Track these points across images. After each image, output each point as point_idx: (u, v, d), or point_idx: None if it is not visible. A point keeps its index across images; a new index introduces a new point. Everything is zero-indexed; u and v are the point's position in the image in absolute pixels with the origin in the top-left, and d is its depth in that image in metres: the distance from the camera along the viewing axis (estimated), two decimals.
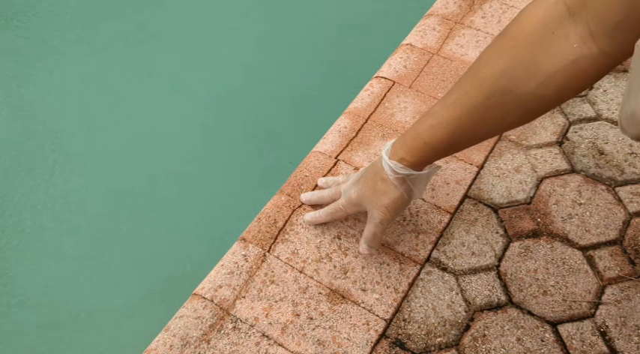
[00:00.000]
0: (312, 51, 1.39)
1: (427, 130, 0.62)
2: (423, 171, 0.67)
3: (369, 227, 0.72)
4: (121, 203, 1.11)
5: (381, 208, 0.69)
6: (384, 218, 0.70)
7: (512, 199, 0.85)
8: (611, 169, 0.88)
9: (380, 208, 0.69)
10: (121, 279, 1.01)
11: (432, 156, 0.65)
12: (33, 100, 1.30)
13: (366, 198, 0.70)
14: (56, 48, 1.41)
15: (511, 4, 1.16)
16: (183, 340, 0.69)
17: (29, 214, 1.10)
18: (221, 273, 0.76)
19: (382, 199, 0.68)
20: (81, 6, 1.51)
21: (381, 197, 0.68)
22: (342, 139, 0.92)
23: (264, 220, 0.81)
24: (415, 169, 0.66)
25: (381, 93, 0.99)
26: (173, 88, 1.32)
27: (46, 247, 1.05)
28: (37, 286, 1.01)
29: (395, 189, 0.67)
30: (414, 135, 0.64)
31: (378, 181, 0.68)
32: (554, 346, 0.70)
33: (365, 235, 0.73)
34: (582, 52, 0.50)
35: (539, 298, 0.74)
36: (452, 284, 0.75)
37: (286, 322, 0.71)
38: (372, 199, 0.69)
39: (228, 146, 1.20)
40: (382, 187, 0.68)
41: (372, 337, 0.70)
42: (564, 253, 0.78)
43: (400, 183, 0.67)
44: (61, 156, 1.19)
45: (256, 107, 1.27)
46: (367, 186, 0.70)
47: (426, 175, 0.68)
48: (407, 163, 0.65)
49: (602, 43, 0.49)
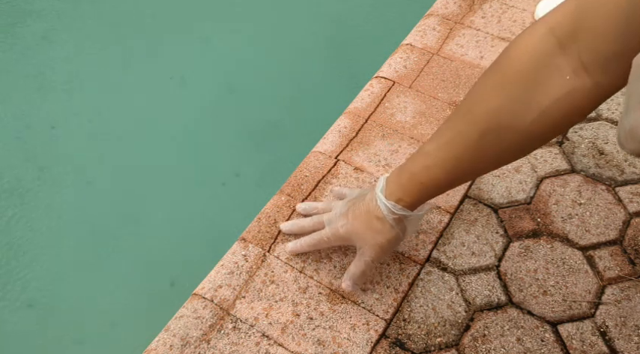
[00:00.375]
0: (312, 51, 1.39)
1: (423, 171, 0.61)
2: (419, 211, 0.67)
3: (357, 265, 0.69)
4: (121, 203, 1.11)
5: (374, 246, 0.67)
6: (376, 257, 0.68)
7: (512, 199, 0.85)
8: (611, 169, 0.88)
9: (374, 247, 0.67)
10: (121, 279, 1.01)
11: (429, 195, 0.64)
12: (33, 101, 1.30)
13: (357, 235, 0.68)
14: (55, 47, 1.41)
15: (511, 4, 1.17)
16: (183, 340, 0.69)
17: (28, 214, 1.10)
18: (221, 273, 0.76)
19: (377, 237, 0.66)
20: (81, 5, 1.51)
21: (376, 236, 0.66)
22: (342, 139, 0.92)
23: (264, 220, 0.81)
24: (411, 209, 0.65)
25: (381, 93, 0.99)
26: (173, 88, 1.32)
27: (46, 246, 1.05)
28: (37, 286, 1.00)
29: (392, 228, 0.66)
30: (410, 176, 0.63)
31: (372, 219, 0.66)
32: (554, 346, 0.70)
33: (352, 272, 0.70)
34: (575, 84, 0.49)
35: (539, 298, 0.74)
36: (452, 284, 0.75)
37: (286, 322, 0.71)
38: (365, 237, 0.67)
39: (228, 146, 1.20)
40: (378, 226, 0.66)
41: (372, 337, 0.70)
42: (564, 253, 0.78)
43: (397, 223, 0.66)
44: (61, 156, 1.19)
45: (256, 107, 1.27)
46: (359, 222, 0.67)
47: (422, 214, 0.67)
48: (404, 204, 0.64)
49: (595, 75, 0.48)
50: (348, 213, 0.69)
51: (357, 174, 0.87)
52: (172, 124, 1.24)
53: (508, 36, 1.09)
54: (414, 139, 0.92)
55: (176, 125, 1.24)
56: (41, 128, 1.24)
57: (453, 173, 0.61)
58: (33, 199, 1.12)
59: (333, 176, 0.86)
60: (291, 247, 0.77)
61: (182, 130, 1.23)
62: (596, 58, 0.47)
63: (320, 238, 0.72)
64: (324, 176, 0.87)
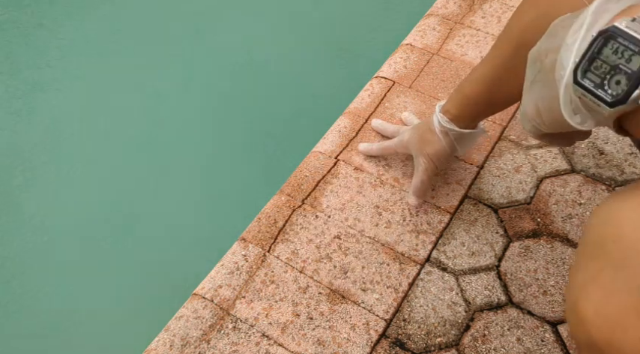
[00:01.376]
0: (312, 51, 1.39)
1: (468, 84, 0.69)
2: (466, 130, 0.73)
3: (416, 175, 0.79)
4: (121, 203, 1.11)
5: (425, 156, 0.76)
6: (428, 166, 0.77)
7: (512, 199, 0.85)
8: (611, 169, 0.88)
9: (425, 156, 0.76)
10: (121, 279, 1.01)
11: (472, 110, 0.71)
12: (32, 100, 1.29)
13: (413, 144, 0.78)
14: (57, 46, 1.41)
15: (511, 4, 1.16)
16: (183, 340, 0.69)
17: (28, 216, 1.10)
18: (221, 273, 0.76)
19: (427, 147, 0.75)
20: (80, 4, 1.51)
21: (426, 146, 0.75)
22: (342, 139, 0.92)
23: (264, 220, 0.81)
24: (460, 125, 0.72)
25: (381, 93, 0.99)
26: (173, 88, 1.32)
27: (45, 247, 1.05)
28: (36, 287, 1.00)
29: (439, 141, 0.74)
30: (458, 89, 0.71)
31: (426, 130, 0.75)
32: (554, 346, 0.70)
33: (413, 183, 0.80)
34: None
35: (539, 298, 0.74)
36: (452, 284, 0.75)
37: (286, 322, 0.71)
38: (419, 146, 0.76)
39: (228, 146, 1.20)
40: (429, 137, 0.75)
41: (372, 337, 0.70)
42: (564, 253, 0.78)
43: (444, 136, 0.73)
44: (61, 156, 1.19)
45: (256, 107, 1.27)
46: (418, 133, 0.77)
47: (468, 134, 0.74)
48: (451, 116, 0.72)
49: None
50: (415, 126, 0.80)
51: (357, 174, 0.87)
52: (172, 123, 1.24)
53: None
54: None
55: (176, 125, 1.24)
56: (41, 128, 1.24)
57: (491, 88, 0.67)
58: (31, 199, 1.12)
59: (333, 176, 0.86)
60: (363, 148, 0.88)
61: (182, 129, 1.23)
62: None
63: (388, 144, 0.84)
64: (324, 176, 0.87)
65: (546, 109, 0.41)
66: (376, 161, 0.88)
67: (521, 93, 0.68)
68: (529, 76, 0.44)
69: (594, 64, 0.35)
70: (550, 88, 0.40)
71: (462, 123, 0.72)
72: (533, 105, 0.43)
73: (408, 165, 0.87)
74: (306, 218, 0.81)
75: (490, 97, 0.69)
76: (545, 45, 0.41)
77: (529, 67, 0.44)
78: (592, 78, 0.35)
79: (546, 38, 0.42)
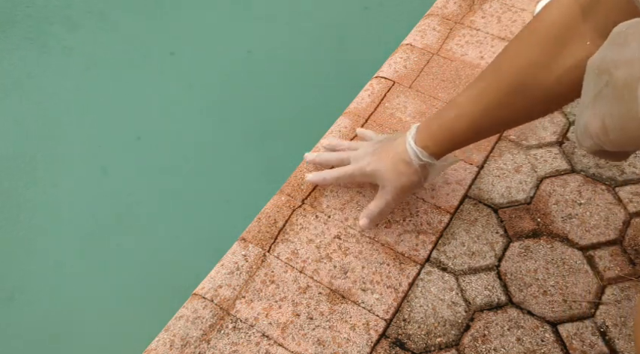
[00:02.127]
0: (312, 51, 1.39)
1: (452, 120, 0.66)
2: (444, 161, 0.72)
3: (377, 203, 0.75)
4: (121, 203, 1.11)
5: (397, 187, 0.73)
6: (396, 197, 0.74)
7: (512, 199, 0.85)
8: (612, 169, 0.88)
9: (396, 188, 0.73)
10: (121, 279, 1.01)
11: (455, 144, 0.69)
12: (31, 102, 1.30)
13: (382, 174, 0.73)
14: (57, 49, 1.41)
15: (511, 4, 1.16)
16: (183, 340, 0.69)
17: (27, 213, 1.10)
18: (221, 273, 0.76)
19: (401, 179, 0.72)
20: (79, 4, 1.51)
21: (400, 178, 0.72)
22: (342, 139, 0.92)
23: (264, 220, 0.81)
24: (436, 157, 0.70)
25: (381, 93, 0.99)
26: (172, 88, 1.32)
27: (45, 246, 1.05)
28: (36, 286, 1.00)
29: (415, 173, 0.71)
30: (440, 124, 0.68)
31: (399, 162, 0.71)
32: (554, 346, 0.70)
33: (371, 209, 0.76)
34: (593, 51, 0.51)
35: (539, 298, 0.74)
36: (452, 284, 0.75)
37: (286, 322, 0.71)
38: (389, 177, 0.72)
39: (228, 146, 1.20)
40: (403, 169, 0.71)
41: (372, 337, 0.70)
42: (564, 253, 0.78)
43: (421, 169, 0.71)
44: (60, 155, 1.19)
45: (256, 107, 1.27)
46: (385, 163, 0.72)
47: (445, 165, 0.73)
48: (430, 151, 0.69)
49: None
50: (375, 153, 0.74)
51: None
52: (172, 123, 1.24)
53: (508, 36, 1.09)
54: None
55: (176, 125, 1.24)
56: (38, 127, 1.24)
57: (480, 124, 0.65)
58: (30, 197, 1.12)
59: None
60: (311, 177, 0.81)
61: (182, 129, 1.23)
62: (613, 25, 0.49)
63: (344, 172, 0.78)
64: None
65: (617, 128, 0.37)
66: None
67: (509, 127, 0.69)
68: (591, 88, 0.40)
69: None
70: (623, 105, 0.36)
71: (439, 155, 0.71)
72: (600, 122, 0.39)
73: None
74: (306, 218, 0.82)
75: (476, 133, 0.67)
76: (612, 56, 0.38)
77: (590, 79, 0.40)
78: None
79: (612, 47, 0.38)
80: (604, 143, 0.40)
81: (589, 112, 0.40)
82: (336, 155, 0.81)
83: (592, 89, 0.40)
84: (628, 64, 0.36)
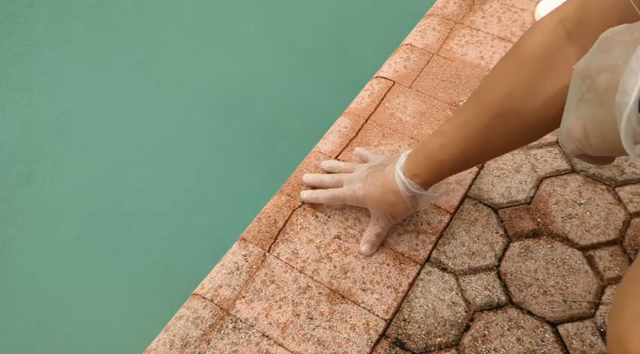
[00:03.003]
0: (312, 51, 1.39)
1: (438, 149, 0.66)
2: (434, 191, 0.72)
3: (372, 229, 0.76)
4: (121, 203, 1.11)
5: (387, 215, 0.74)
6: (388, 224, 0.75)
7: (513, 199, 0.85)
8: (612, 169, 0.88)
9: (386, 216, 0.74)
10: (121, 279, 1.01)
11: (442, 173, 0.69)
12: (31, 102, 1.29)
13: (372, 202, 0.74)
14: (55, 48, 1.41)
15: (511, 4, 1.16)
16: (183, 340, 0.69)
17: (26, 214, 1.10)
18: (221, 273, 0.76)
19: (389, 208, 0.73)
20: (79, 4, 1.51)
21: (389, 207, 0.73)
22: (342, 139, 0.92)
23: (264, 220, 0.81)
24: (425, 186, 0.70)
25: (381, 93, 0.99)
26: (172, 89, 1.32)
27: (45, 246, 1.05)
28: (35, 286, 1.00)
29: (404, 203, 0.71)
30: (426, 154, 0.67)
31: (388, 191, 0.71)
32: (554, 346, 0.70)
33: (367, 236, 0.77)
34: None
35: (539, 298, 0.74)
36: (452, 284, 0.75)
37: (286, 322, 0.71)
38: (380, 206, 0.73)
39: (228, 146, 1.20)
40: (392, 199, 0.71)
41: (372, 337, 0.70)
42: (564, 253, 0.78)
43: (410, 199, 0.71)
44: (60, 155, 1.19)
45: (256, 107, 1.27)
46: (375, 191, 0.73)
47: (435, 196, 0.73)
48: (419, 180, 0.69)
49: None
50: (367, 179, 0.74)
51: None
52: (172, 124, 1.24)
53: (508, 36, 1.09)
54: (414, 139, 0.92)
55: (176, 125, 1.24)
56: (38, 126, 1.24)
57: (465, 153, 0.64)
58: (30, 198, 1.12)
59: None
60: (306, 196, 0.82)
61: (182, 130, 1.23)
62: None
63: (336, 194, 0.78)
64: None
65: (597, 133, 0.38)
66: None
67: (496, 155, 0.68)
68: (575, 93, 0.41)
69: None
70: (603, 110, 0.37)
71: (428, 185, 0.70)
72: (581, 126, 0.39)
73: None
74: (306, 218, 0.82)
75: (463, 161, 0.67)
76: (596, 61, 0.38)
77: (575, 83, 0.41)
78: None
79: (597, 53, 0.38)
80: (585, 147, 0.40)
81: (572, 115, 0.41)
82: (331, 177, 0.82)
83: (576, 94, 0.40)
84: (610, 70, 0.36)
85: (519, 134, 0.60)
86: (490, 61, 1.04)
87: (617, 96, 0.33)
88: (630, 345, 0.34)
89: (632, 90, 0.32)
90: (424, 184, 0.69)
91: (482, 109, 0.60)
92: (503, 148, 0.66)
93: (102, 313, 0.97)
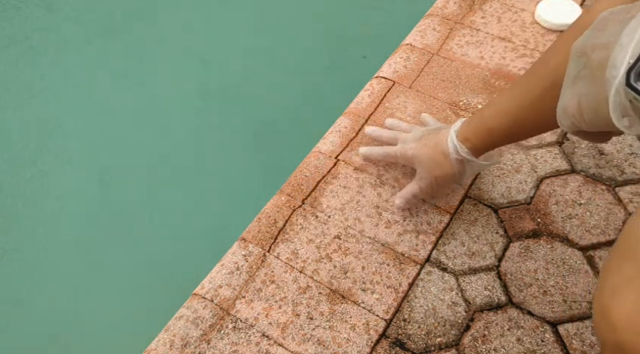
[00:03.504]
0: (312, 51, 1.39)
1: (491, 117, 0.68)
2: (484, 160, 0.72)
3: (412, 187, 0.78)
4: (121, 203, 1.11)
5: (431, 177, 0.74)
6: (429, 187, 0.76)
7: (513, 199, 0.85)
8: (612, 169, 0.88)
9: (430, 177, 0.74)
10: (121, 279, 1.01)
11: (493, 142, 0.70)
12: (30, 102, 1.29)
13: (420, 161, 0.75)
14: (54, 43, 1.41)
15: (511, 4, 1.16)
16: (183, 340, 0.69)
17: (26, 215, 1.10)
18: (221, 273, 0.76)
19: (436, 170, 0.73)
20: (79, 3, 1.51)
21: (436, 168, 0.73)
22: (342, 139, 0.92)
23: (264, 220, 0.81)
24: (475, 153, 0.71)
25: (381, 93, 0.99)
26: (172, 87, 1.32)
27: (45, 247, 1.05)
28: (36, 287, 1.00)
29: (451, 166, 0.72)
30: (479, 121, 0.69)
31: (438, 153, 0.72)
32: (554, 346, 0.70)
33: (405, 193, 0.79)
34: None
35: (539, 298, 0.74)
36: (452, 284, 0.75)
37: (286, 322, 0.71)
38: (427, 166, 0.74)
39: (228, 146, 1.20)
40: (440, 160, 0.72)
41: (372, 337, 0.70)
42: (564, 254, 0.78)
43: (458, 163, 0.71)
44: (59, 155, 1.19)
45: (256, 107, 1.27)
46: (426, 151, 0.74)
47: (483, 165, 0.73)
48: (469, 145, 0.70)
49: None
50: (421, 139, 0.76)
51: (357, 174, 0.87)
52: (173, 124, 1.24)
53: (508, 36, 1.09)
54: None
55: (176, 125, 1.24)
56: (38, 127, 1.24)
57: (515, 123, 0.65)
58: (30, 198, 1.12)
59: (333, 176, 0.86)
60: (363, 151, 0.86)
61: (182, 130, 1.23)
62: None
63: (390, 152, 0.82)
64: (324, 176, 0.87)
65: (590, 108, 0.40)
66: (376, 161, 0.88)
67: (548, 128, 0.68)
68: (572, 70, 0.42)
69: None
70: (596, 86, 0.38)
71: (477, 153, 0.71)
72: (576, 102, 0.41)
73: (408, 166, 0.87)
74: (306, 218, 0.82)
75: (514, 132, 0.68)
76: (591, 40, 0.39)
77: (572, 61, 0.42)
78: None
79: (593, 32, 0.40)
80: (580, 123, 0.42)
81: (568, 92, 0.42)
82: (389, 133, 0.85)
83: (572, 71, 0.42)
84: (603, 47, 0.37)
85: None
86: (490, 61, 1.04)
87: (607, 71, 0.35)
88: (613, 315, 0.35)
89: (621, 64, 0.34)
90: (474, 151, 0.70)
91: (537, 79, 0.61)
92: (554, 123, 0.67)
93: (102, 313, 0.97)
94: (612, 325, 0.35)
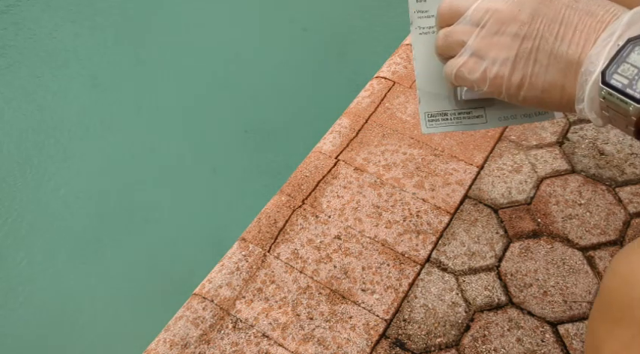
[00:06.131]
0: (312, 51, 1.39)
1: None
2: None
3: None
4: (121, 204, 1.11)
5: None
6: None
7: (513, 199, 0.85)
8: (612, 169, 0.88)
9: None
10: (122, 279, 1.01)
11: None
12: (30, 102, 1.30)
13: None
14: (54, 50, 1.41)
15: None
16: (183, 340, 0.69)
17: (27, 215, 1.10)
18: (221, 273, 0.76)
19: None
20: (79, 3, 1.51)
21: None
22: (342, 139, 0.92)
23: (264, 220, 0.81)
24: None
25: (381, 93, 0.99)
26: (173, 87, 1.32)
27: (45, 247, 1.05)
28: (37, 287, 1.00)
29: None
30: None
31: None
32: (554, 346, 0.70)
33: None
34: None
35: (540, 299, 0.74)
36: (452, 284, 0.75)
37: (286, 322, 0.71)
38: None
39: (229, 146, 1.20)
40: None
41: (372, 337, 0.70)
42: (564, 254, 0.78)
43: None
44: (59, 156, 1.19)
45: (256, 107, 1.27)
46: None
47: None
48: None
49: None
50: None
51: (357, 174, 0.87)
52: (173, 124, 1.24)
53: None
54: (414, 139, 0.92)
55: (177, 126, 1.24)
56: (38, 128, 1.24)
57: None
58: (30, 199, 1.12)
59: (333, 176, 0.86)
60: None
61: (183, 130, 1.23)
62: None
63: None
64: (324, 176, 0.87)
65: (537, 88, 0.39)
66: (376, 161, 0.88)
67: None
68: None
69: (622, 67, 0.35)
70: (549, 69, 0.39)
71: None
72: (519, 77, 0.40)
73: (409, 166, 0.87)
74: (307, 218, 0.82)
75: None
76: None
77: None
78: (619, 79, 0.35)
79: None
80: (503, 95, 0.40)
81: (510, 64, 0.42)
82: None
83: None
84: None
85: None
86: None
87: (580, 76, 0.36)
88: None
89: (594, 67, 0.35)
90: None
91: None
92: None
93: (102, 313, 0.97)
94: None
